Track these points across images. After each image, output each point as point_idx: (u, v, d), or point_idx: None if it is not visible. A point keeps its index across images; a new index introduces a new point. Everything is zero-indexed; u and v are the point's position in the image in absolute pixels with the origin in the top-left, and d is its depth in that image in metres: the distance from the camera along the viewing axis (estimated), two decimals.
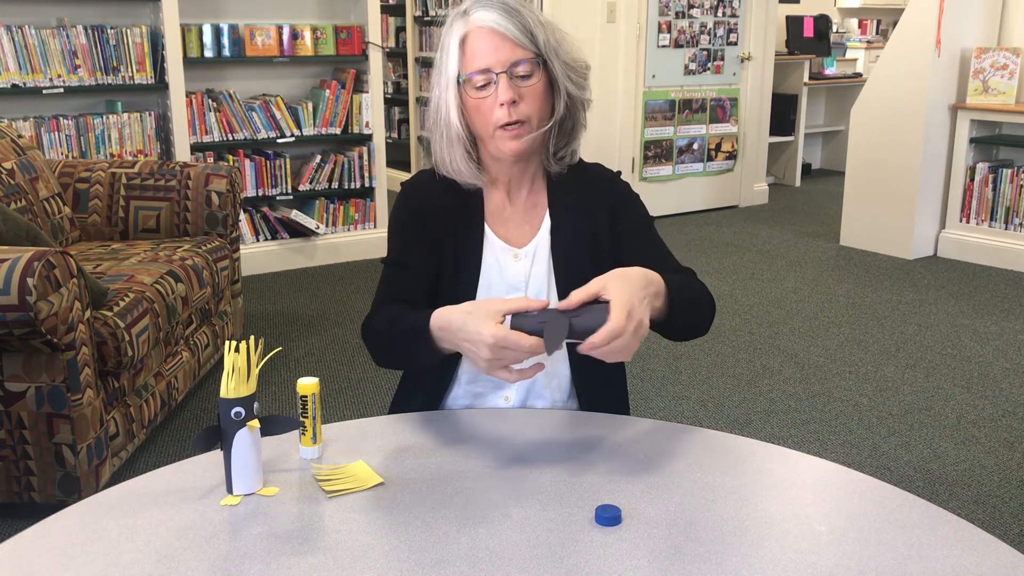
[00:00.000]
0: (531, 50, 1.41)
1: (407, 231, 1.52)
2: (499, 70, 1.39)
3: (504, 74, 1.39)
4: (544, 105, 1.44)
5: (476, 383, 1.53)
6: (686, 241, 5.65)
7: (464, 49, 1.41)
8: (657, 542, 1.08)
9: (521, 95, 1.40)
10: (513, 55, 1.39)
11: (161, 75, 4.36)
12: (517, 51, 1.40)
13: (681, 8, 6.08)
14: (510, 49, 1.39)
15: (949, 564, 1.04)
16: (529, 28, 1.41)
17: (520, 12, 1.42)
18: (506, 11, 1.41)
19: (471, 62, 1.41)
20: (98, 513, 1.14)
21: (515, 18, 1.40)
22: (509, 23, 1.40)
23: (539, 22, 1.43)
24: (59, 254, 2.20)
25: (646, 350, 3.74)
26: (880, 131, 5.27)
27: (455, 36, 1.42)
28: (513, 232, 1.53)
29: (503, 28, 1.39)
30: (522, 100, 1.40)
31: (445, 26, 1.45)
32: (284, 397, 3.25)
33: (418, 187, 1.55)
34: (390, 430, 1.37)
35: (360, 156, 5.00)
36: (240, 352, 1.16)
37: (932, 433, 3.02)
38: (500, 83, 1.39)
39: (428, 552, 1.05)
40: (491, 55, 1.39)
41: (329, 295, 4.48)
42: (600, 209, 1.53)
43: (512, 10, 1.41)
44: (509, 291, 1.50)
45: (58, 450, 2.30)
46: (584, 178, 1.56)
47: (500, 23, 1.39)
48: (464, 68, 1.41)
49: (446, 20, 1.46)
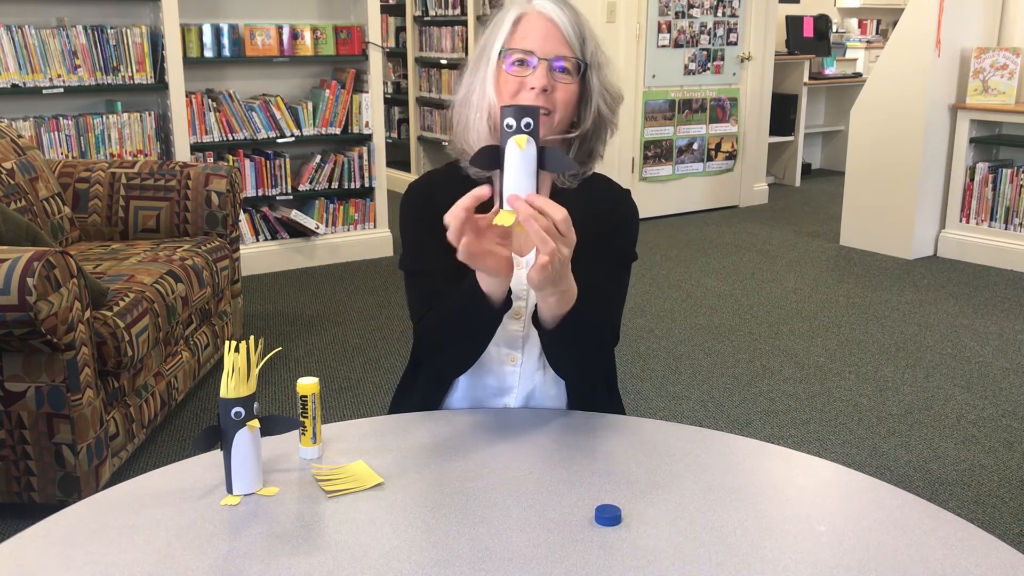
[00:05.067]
0: (577, 53, 1.43)
1: (421, 237, 1.48)
2: (542, 56, 1.41)
3: (545, 62, 1.41)
4: (571, 108, 1.45)
5: (476, 388, 1.52)
6: (686, 241, 5.65)
7: (516, 28, 1.44)
8: (657, 542, 1.08)
9: (554, 87, 1.42)
10: (560, 49, 1.42)
11: (161, 75, 4.36)
12: (564, 48, 1.42)
13: (681, 8, 6.08)
14: (559, 43, 1.42)
15: (949, 564, 1.04)
16: (583, 34, 1.44)
17: (579, 17, 1.45)
18: (568, 9, 1.44)
19: (519, 41, 1.43)
20: (98, 513, 1.14)
21: (573, 19, 1.44)
22: (567, 20, 1.43)
23: (592, 35, 1.46)
24: (59, 254, 2.20)
25: (646, 349, 3.74)
26: (880, 131, 5.27)
27: (512, 14, 1.45)
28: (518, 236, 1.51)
29: (560, 21, 1.42)
30: (554, 91, 1.42)
31: (502, 9, 1.47)
32: (284, 397, 3.25)
33: (423, 189, 1.53)
34: (390, 430, 1.37)
35: (360, 156, 5.00)
36: (240, 352, 1.16)
37: (932, 433, 3.02)
38: (539, 69, 1.41)
39: (428, 552, 1.05)
40: (540, 41, 1.41)
41: (329, 295, 4.48)
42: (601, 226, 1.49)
43: (573, 11, 1.45)
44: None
45: (58, 450, 2.30)
46: (593, 192, 1.53)
47: (559, 16, 1.42)
48: (510, 44, 1.44)
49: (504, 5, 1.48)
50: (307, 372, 3.47)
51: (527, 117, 1.16)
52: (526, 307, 1.48)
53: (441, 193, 1.50)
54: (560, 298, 1.31)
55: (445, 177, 1.54)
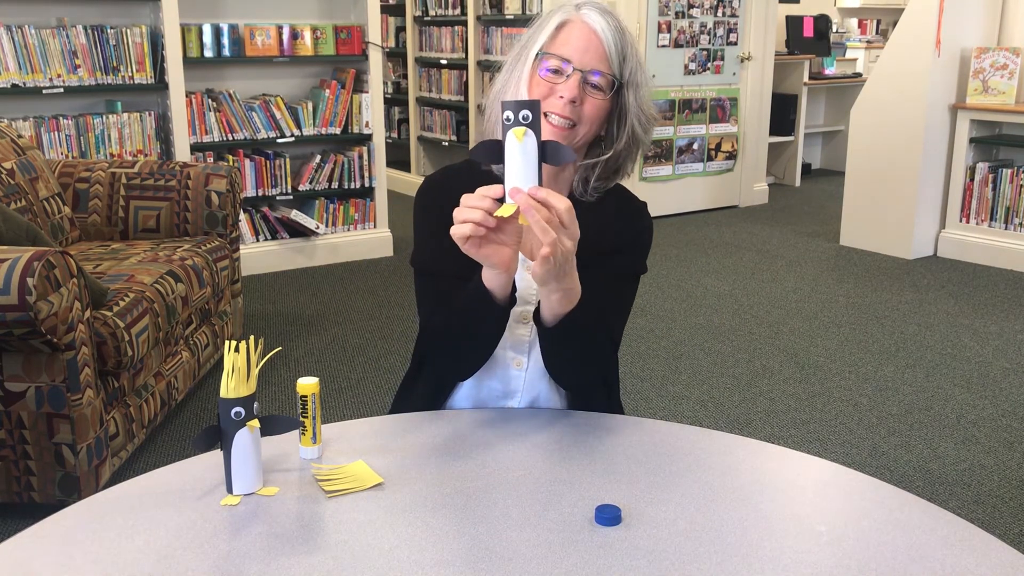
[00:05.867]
0: (614, 70, 1.41)
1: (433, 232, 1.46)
2: (578, 67, 1.39)
3: (579, 72, 1.39)
4: (597, 123, 1.43)
5: (480, 390, 1.52)
6: (686, 241, 5.65)
7: (558, 32, 1.42)
8: (657, 542, 1.08)
9: (583, 100, 1.40)
10: (597, 63, 1.40)
11: (161, 75, 4.36)
12: (602, 63, 1.40)
13: (681, 8, 6.08)
14: (598, 56, 1.40)
15: (949, 564, 1.04)
16: (624, 51, 1.42)
17: (624, 34, 1.43)
18: (613, 25, 1.42)
19: (559, 47, 1.41)
20: (98, 513, 1.14)
21: (617, 35, 1.41)
22: (610, 35, 1.40)
23: (634, 54, 1.44)
24: (59, 254, 2.20)
25: (646, 349, 3.74)
26: (880, 131, 5.27)
27: (557, 18, 1.43)
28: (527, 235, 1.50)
29: (602, 35, 1.40)
30: (582, 104, 1.40)
31: (549, 11, 1.46)
32: (284, 397, 3.25)
33: (438, 186, 1.52)
34: (390, 430, 1.37)
35: (360, 156, 5.00)
36: (240, 352, 1.16)
37: (932, 433, 3.02)
38: (571, 80, 1.39)
39: (428, 552, 1.05)
40: (579, 51, 1.39)
41: (329, 295, 4.48)
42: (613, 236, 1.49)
43: (619, 27, 1.42)
44: (519, 302, 1.48)
45: (58, 450, 2.30)
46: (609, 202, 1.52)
47: (603, 30, 1.40)
48: (549, 48, 1.42)
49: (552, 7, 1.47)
50: (307, 372, 3.47)
51: (525, 110, 1.16)
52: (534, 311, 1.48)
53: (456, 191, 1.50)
54: (563, 296, 1.30)
55: (460, 172, 1.53)
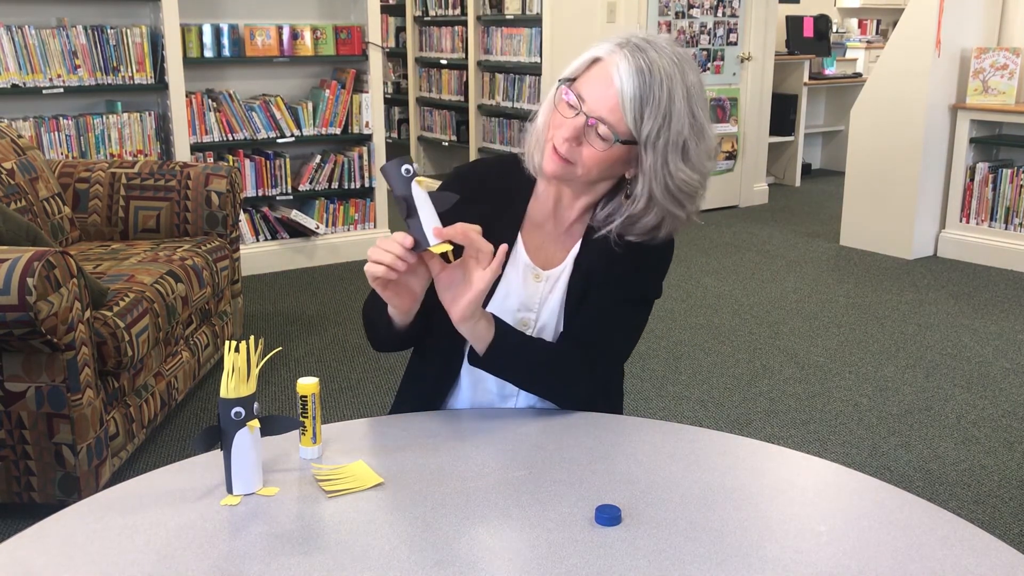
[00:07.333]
0: (625, 126, 1.31)
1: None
2: (586, 111, 1.31)
3: (584, 116, 1.32)
4: (596, 171, 1.36)
5: (479, 392, 1.52)
6: (686, 241, 5.65)
7: (590, 68, 1.35)
8: (657, 542, 1.08)
9: (583, 144, 1.34)
10: (605, 113, 1.31)
11: (161, 75, 4.36)
12: (612, 114, 1.30)
13: (681, 8, 6.08)
14: (609, 106, 1.30)
15: (949, 564, 1.04)
16: (643, 110, 1.30)
17: (656, 91, 1.29)
18: (640, 80, 1.29)
19: (582, 83, 1.34)
20: (98, 513, 1.14)
21: (641, 91, 1.29)
22: (632, 89, 1.29)
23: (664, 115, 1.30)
24: (59, 254, 2.20)
25: (646, 349, 3.74)
26: (880, 131, 5.27)
27: (596, 51, 1.35)
28: (547, 249, 1.49)
29: (620, 87, 1.29)
30: (581, 147, 1.34)
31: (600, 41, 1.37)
32: (284, 397, 3.25)
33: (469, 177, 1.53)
34: (390, 430, 1.38)
35: (360, 156, 5.00)
36: (240, 352, 1.16)
37: (932, 433, 3.02)
38: (575, 120, 1.32)
39: (428, 552, 1.05)
40: (594, 96, 1.31)
41: (329, 295, 4.48)
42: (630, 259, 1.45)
43: (646, 84, 1.29)
44: (521, 308, 1.48)
45: (58, 450, 2.30)
46: None
47: (623, 84, 1.29)
48: (577, 78, 1.36)
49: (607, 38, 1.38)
50: (307, 372, 3.47)
51: (405, 164, 1.26)
52: (536, 320, 1.48)
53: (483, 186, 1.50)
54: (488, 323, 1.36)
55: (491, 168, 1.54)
